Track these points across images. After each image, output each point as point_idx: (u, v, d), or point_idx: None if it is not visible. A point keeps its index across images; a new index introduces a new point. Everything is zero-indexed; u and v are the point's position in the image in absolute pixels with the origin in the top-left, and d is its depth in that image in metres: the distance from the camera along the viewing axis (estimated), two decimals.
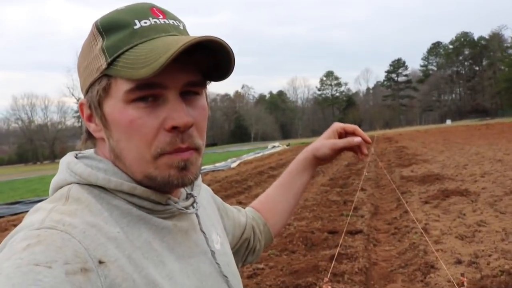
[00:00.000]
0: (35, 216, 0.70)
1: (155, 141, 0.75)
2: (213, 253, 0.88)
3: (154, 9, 0.80)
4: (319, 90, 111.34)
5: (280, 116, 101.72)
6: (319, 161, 1.26)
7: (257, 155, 30.96)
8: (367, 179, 11.90)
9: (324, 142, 1.23)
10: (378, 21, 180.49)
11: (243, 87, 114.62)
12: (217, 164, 23.99)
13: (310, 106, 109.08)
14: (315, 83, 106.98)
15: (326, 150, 1.21)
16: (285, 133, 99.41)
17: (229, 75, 0.80)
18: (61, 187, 0.79)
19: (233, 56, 0.77)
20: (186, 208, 0.85)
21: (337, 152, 1.22)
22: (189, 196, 0.90)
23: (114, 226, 0.73)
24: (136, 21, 0.76)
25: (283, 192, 1.27)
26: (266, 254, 5.84)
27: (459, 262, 5.03)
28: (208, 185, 1.31)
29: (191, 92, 0.78)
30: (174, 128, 0.75)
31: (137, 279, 0.70)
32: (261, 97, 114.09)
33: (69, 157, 0.83)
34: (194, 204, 0.88)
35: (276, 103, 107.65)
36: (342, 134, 1.23)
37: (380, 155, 19.96)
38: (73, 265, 0.62)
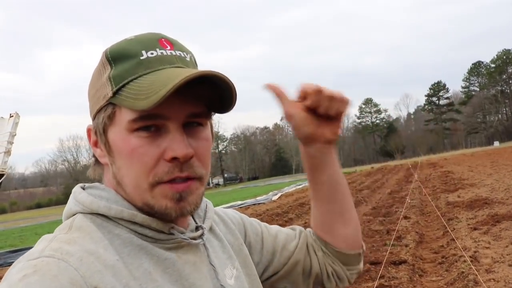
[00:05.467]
0: (38, 246, 0.72)
1: (153, 170, 0.76)
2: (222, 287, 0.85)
3: (163, 39, 0.80)
4: (358, 118, 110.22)
5: None
6: (316, 147, 0.99)
7: (298, 187, 30.66)
8: (411, 207, 11.52)
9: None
10: (412, 44, 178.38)
11: (281, 119, 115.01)
12: (258, 198, 23.92)
13: (350, 134, 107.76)
14: (354, 111, 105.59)
15: (299, 132, 0.96)
16: None
17: (232, 107, 0.80)
18: (69, 217, 0.81)
19: (234, 90, 0.77)
20: (193, 238, 0.83)
21: (307, 123, 0.93)
22: (198, 228, 0.88)
23: (113, 254, 0.73)
24: (143, 52, 0.77)
25: (320, 205, 1.10)
26: None
27: None
28: None
29: (194, 123, 0.79)
30: (173, 159, 0.75)
31: None
32: None
33: (75, 188, 0.85)
34: (203, 236, 0.86)
35: None
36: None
37: (424, 181, 19.34)
38: None
